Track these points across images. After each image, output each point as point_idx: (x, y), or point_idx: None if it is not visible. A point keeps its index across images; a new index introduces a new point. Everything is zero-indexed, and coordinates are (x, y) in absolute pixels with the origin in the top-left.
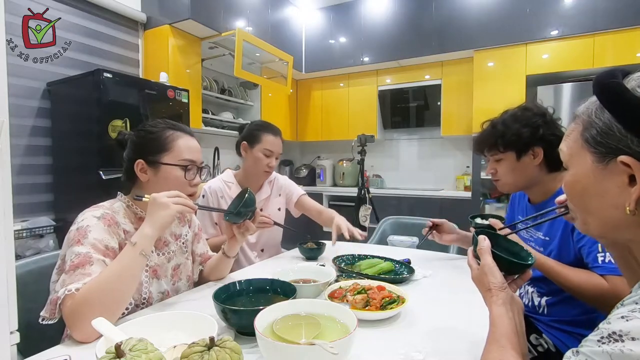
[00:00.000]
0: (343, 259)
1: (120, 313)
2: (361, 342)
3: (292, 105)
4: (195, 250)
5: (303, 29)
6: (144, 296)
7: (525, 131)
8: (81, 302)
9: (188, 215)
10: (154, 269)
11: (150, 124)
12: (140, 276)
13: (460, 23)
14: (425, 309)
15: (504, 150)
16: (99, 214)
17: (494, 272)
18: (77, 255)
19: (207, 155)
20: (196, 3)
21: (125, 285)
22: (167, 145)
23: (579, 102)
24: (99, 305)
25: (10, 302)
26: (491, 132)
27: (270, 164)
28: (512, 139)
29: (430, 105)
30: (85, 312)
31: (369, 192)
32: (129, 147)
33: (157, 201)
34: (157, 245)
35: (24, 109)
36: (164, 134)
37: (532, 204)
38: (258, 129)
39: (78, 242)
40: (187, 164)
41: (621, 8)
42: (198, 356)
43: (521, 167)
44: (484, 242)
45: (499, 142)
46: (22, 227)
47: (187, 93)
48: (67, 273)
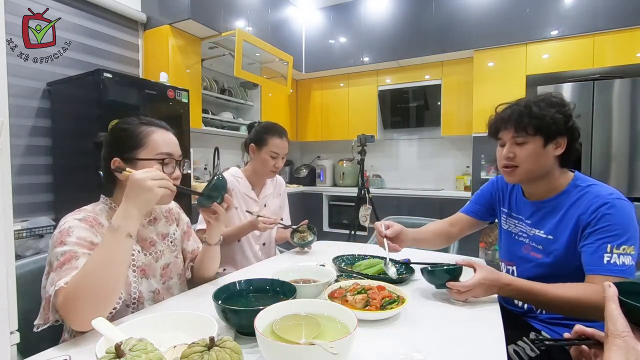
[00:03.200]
0: (343, 259)
1: (114, 300)
2: (361, 342)
3: (292, 105)
4: (185, 247)
5: (303, 29)
6: (134, 296)
7: (560, 117)
8: (73, 292)
9: (176, 214)
10: (142, 268)
11: (124, 121)
12: (129, 259)
13: (460, 23)
14: (425, 309)
15: (534, 133)
16: (80, 216)
17: (615, 321)
18: (62, 254)
19: (207, 155)
20: (196, 3)
21: (116, 270)
22: (142, 140)
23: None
24: (91, 293)
25: (10, 302)
26: (523, 111)
27: (276, 164)
28: (547, 123)
29: (430, 105)
30: (78, 302)
31: (369, 192)
32: (104, 147)
33: (142, 185)
34: (143, 245)
35: (24, 109)
36: (138, 129)
37: (529, 199)
38: (265, 131)
39: (61, 243)
40: (164, 157)
41: (621, 8)
42: (198, 356)
43: (544, 155)
44: (609, 290)
45: (532, 123)
46: (22, 227)
47: (187, 93)
48: (55, 271)
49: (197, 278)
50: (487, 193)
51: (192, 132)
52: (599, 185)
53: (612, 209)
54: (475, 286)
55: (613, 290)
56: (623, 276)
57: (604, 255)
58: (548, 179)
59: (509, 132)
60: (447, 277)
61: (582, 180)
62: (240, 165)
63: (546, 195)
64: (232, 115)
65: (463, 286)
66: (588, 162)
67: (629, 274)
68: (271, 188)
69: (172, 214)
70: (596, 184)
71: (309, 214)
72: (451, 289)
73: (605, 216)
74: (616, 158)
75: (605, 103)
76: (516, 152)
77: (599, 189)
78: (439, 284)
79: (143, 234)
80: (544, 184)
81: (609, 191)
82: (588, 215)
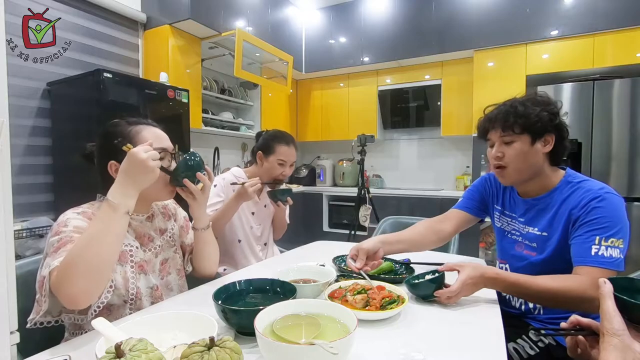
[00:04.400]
0: (343, 259)
1: (106, 277)
2: (361, 342)
3: (292, 105)
4: (184, 241)
5: (303, 29)
6: (132, 292)
7: (546, 115)
8: (66, 266)
9: (172, 210)
10: (140, 264)
11: (110, 125)
12: (124, 236)
13: (460, 23)
14: (425, 309)
15: (520, 131)
16: (79, 210)
17: (611, 318)
18: (58, 240)
19: (207, 155)
20: (196, 3)
21: (111, 245)
22: (133, 139)
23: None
24: (85, 265)
25: (10, 302)
26: (509, 111)
27: (284, 172)
28: (532, 121)
29: (430, 105)
30: (71, 274)
31: (369, 192)
32: (97, 153)
33: (145, 164)
34: (141, 241)
35: (24, 109)
36: (126, 129)
37: (523, 197)
38: (272, 139)
39: (57, 232)
40: (160, 152)
41: (621, 8)
42: (198, 356)
43: (532, 153)
44: (605, 286)
45: (518, 121)
46: (22, 227)
47: (187, 93)
48: (50, 255)
49: (197, 270)
50: (479, 189)
51: (192, 132)
52: (591, 181)
53: (602, 202)
54: (462, 288)
55: (609, 287)
56: (611, 268)
57: (592, 246)
58: (540, 178)
59: (497, 132)
60: (432, 286)
61: (574, 176)
62: (240, 165)
63: (539, 192)
64: (232, 115)
65: (450, 292)
66: (588, 162)
67: (616, 267)
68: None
69: (168, 210)
70: (588, 180)
71: (309, 214)
72: (439, 297)
73: (595, 209)
74: (616, 158)
75: (605, 103)
76: (505, 151)
77: (590, 184)
78: (427, 295)
79: (141, 230)
80: (536, 183)
81: (599, 186)
82: (579, 209)
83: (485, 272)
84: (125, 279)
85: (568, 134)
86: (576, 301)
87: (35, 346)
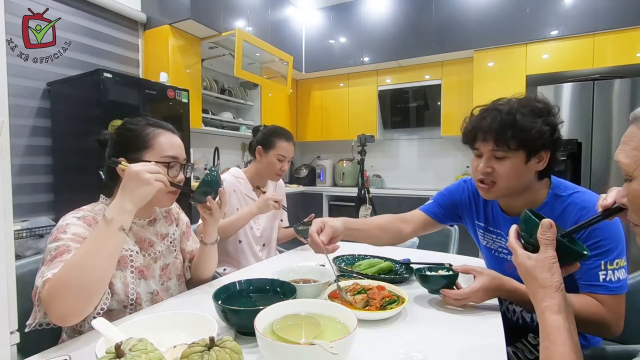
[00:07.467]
0: (343, 259)
1: (98, 296)
2: (361, 342)
3: (292, 105)
4: (184, 248)
5: (303, 29)
6: (132, 297)
7: (547, 130)
8: (57, 282)
9: (175, 214)
10: (140, 269)
11: (130, 121)
12: (118, 253)
13: (460, 23)
14: (425, 309)
15: (516, 147)
16: (79, 215)
17: (554, 269)
18: (55, 249)
19: (207, 155)
20: (196, 3)
21: (104, 263)
22: (149, 142)
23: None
24: (75, 283)
25: (10, 302)
26: (506, 121)
27: (282, 167)
28: (533, 137)
29: (430, 105)
30: (61, 292)
31: (369, 192)
32: (110, 146)
33: (139, 177)
34: (142, 246)
35: (24, 109)
36: (145, 130)
37: (508, 214)
38: (272, 134)
39: (55, 239)
40: (170, 161)
41: (621, 8)
42: (198, 356)
43: (525, 170)
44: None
45: (517, 137)
46: (22, 227)
47: (187, 93)
48: (46, 264)
49: (194, 279)
50: (454, 196)
51: (192, 132)
52: (582, 193)
53: (601, 223)
54: (472, 294)
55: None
56: (619, 293)
57: (599, 273)
58: (526, 194)
59: (488, 144)
60: (442, 282)
61: (562, 188)
62: (241, 165)
63: None
64: (232, 115)
65: (458, 294)
66: (588, 162)
67: (623, 289)
68: (272, 190)
69: (171, 214)
70: (578, 191)
71: (309, 213)
72: (446, 296)
73: (595, 231)
74: None
75: (605, 103)
76: (495, 166)
77: (582, 197)
78: (434, 290)
79: (142, 235)
80: (522, 199)
81: (593, 201)
82: None
83: (504, 284)
84: (125, 285)
85: (561, 147)
86: (593, 325)
87: (35, 346)
